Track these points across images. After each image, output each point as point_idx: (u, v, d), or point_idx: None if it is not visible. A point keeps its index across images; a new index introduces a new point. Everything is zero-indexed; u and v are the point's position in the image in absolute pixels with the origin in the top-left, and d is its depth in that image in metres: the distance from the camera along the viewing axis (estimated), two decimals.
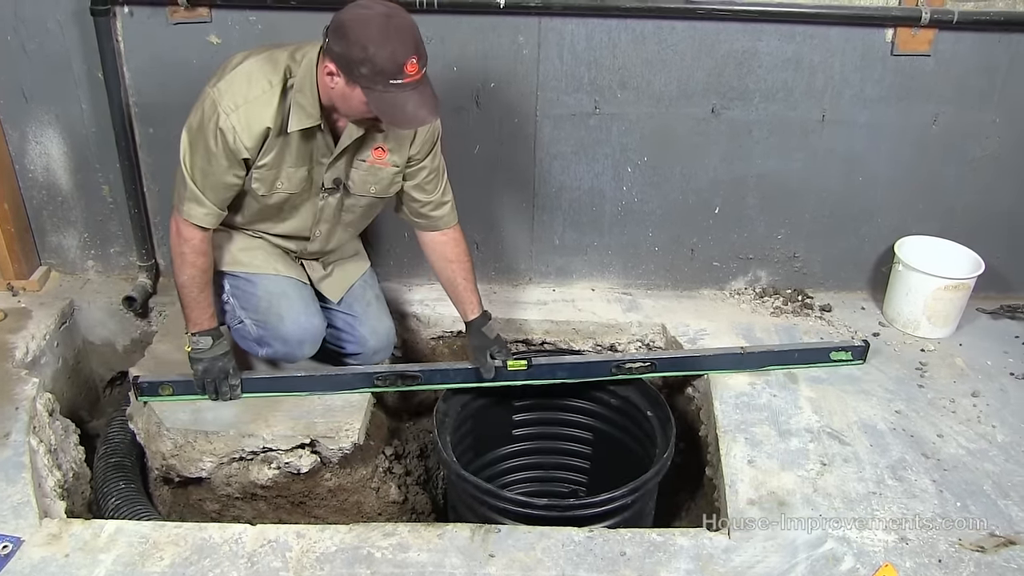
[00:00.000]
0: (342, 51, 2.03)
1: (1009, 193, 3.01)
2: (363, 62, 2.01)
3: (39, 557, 2.00)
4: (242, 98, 2.14)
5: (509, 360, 2.57)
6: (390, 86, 2.04)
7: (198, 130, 2.19)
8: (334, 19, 2.06)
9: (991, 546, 2.10)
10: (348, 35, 2.01)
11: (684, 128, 2.90)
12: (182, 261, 2.33)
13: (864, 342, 2.78)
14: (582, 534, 2.10)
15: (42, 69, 2.78)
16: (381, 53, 2.00)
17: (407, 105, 2.07)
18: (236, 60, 2.21)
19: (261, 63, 2.18)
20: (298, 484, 2.47)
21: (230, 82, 2.15)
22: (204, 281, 2.37)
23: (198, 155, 2.21)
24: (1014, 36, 2.74)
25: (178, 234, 2.31)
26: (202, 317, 2.40)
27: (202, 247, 2.32)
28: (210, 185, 2.24)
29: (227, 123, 2.14)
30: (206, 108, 2.16)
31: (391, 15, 2.04)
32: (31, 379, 2.57)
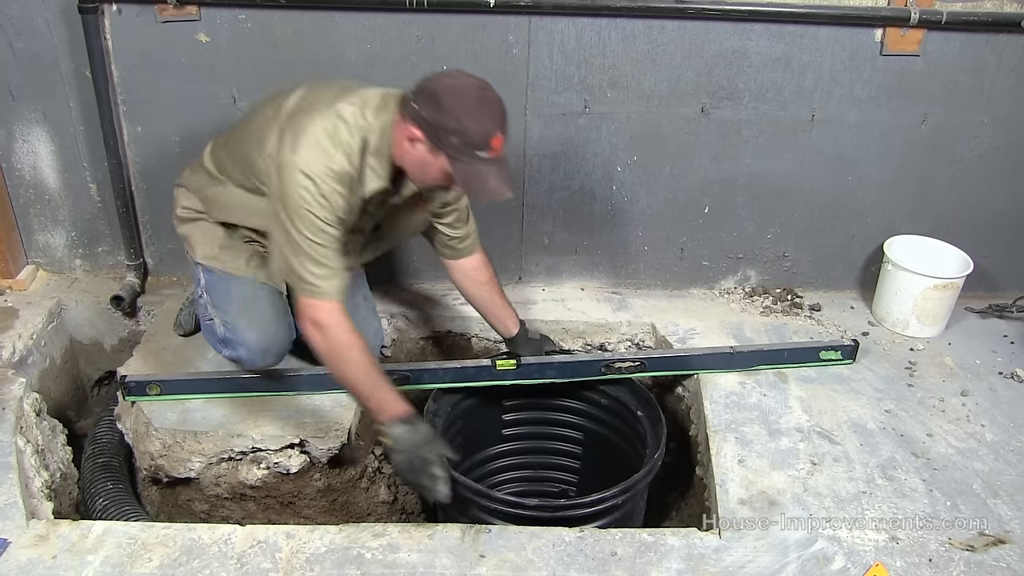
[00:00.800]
0: (433, 119, 2.02)
1: (997, 193, 3.03)
2: (454, 132, 2.01)
3: (26, 559, 1.98)
4: (328, 168, 2.07)
5: (499, 360, 2.58)
6: (475, 158, 2.04)
7: (289, 203, 2.07)
8: (425, 86, 2.06)
9: (981, 545, 2.10)
10: (442, 104, 2.01)
11: (674, 128, 2.90)
12: (342, 351, 2.15)
13: (853, 341, 2.79)
14: (573, 534, 2.10)
15: (29, 67, 2.76)
16: (474, 126, 2.01)
17: (489, 179, 2.07)
18: (303, 121, 2.11)
19: (331, 125, 2.10)
20: (287, 484, 2.46)
21: (313, 150, 2.07)
22: (371, 359, 2.19)
23: (309, 228, 2.08)
24: (1002, 36, 2.76)
25: (318, 326, 2.13)
26: (389, 401, 2.17)
27: (349, 323, 2.16)
28: (332, 252, 2.13)
29: (328, 189, 2.07)
30: (296, 179, 2.05)
31: (484, 88, 2.06)
32: (18, 379, 2.55)
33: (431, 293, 3.13)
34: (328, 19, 2.71)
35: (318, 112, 2.13)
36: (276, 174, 2.10)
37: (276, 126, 2.16)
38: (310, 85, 2.27)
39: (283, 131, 2.13)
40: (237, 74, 2.79)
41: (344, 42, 2.74)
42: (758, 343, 2.86)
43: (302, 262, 2.10)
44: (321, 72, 2.75)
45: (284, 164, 2.08)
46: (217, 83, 2.80)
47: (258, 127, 2.24)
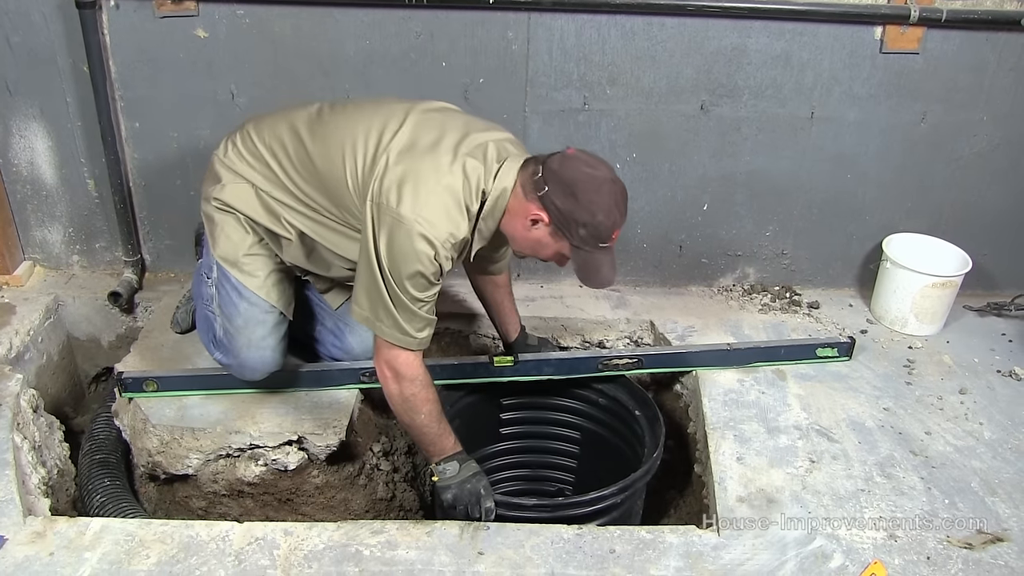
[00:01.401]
0: (567, 209, 2.00)
1: (996, 191, 3.03)
2: (586, 226, 2.01)
3: (23, 556, 1.98)
4: (451, 235, 2.02)
5: (496, 357, 2.58)
6: (596, 248, 2.06)
7: (400, 260, 2.01)
8: (559, 171, 2.01)
9: (979, 543, 2.10)
10: (578, 196, 1.99)
11: (673, 125, 2.90)
12: (416, 404, 2.15)
13: (850, 338, 2.79)
14: (571, 532, 2.09)
15: (26, 62, 2.75)
16: (606, 223, 2.02)
17: (603, 268, 2.11)
18: (424, 172, 2.02)
19: (459, 187, 2.03)
20: (285, 481, 2.45)
21: (432, 212, 1.99)
22: (440, 409, 2.20)
23: (416, 287, 2.04)
24: (1002, 35, 2.76)
25: (398, 376, 2.13)
26: (446, 444, 2.22)
27: (427, 375, 2.16)
28: (432, 306, 2.12)
29: (443, 254, 2.02)
30: (414, 242, 1.98)
31: (615, 181, 2.06)
32: (15, 375, 2.54)
33: None
34: (327, 15, 2.70)
35: (442, 164, 2.05)
36: (386, 227, 2.01)
37: (382, 167, 2.06)
38: (418, 117, 2.16)
39: (400, 179, 2.02)
40: (235, 70, 2.78)
41: (343, 38, 2.73)
42: (756, 340, 2.86)
43: (401, 316, 2.05)
44: (320, 69, 2.76)
45: (402, 222, 1.99)
46: (215, 79, 2.79)
47: (353, 155, 2.13)
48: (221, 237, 2.34)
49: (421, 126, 2.13)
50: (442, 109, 2.25)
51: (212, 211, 2.34)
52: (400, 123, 2.13)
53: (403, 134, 2.11)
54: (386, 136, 2.11)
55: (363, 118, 2.18)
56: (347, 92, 2.80)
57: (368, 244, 2.04)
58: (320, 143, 2.19)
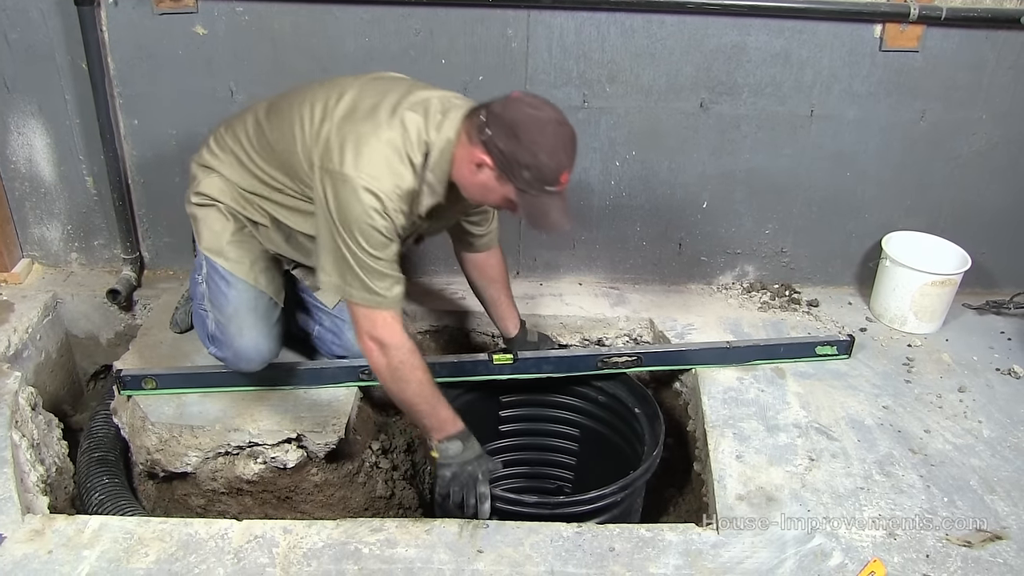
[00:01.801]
0: (509, 151, 1.96)
1: (995, 189, 3.03)
2: (529, 167, 1.97)
3: (21, 554, 1.98)
4: (396, 186, 2.03)
5: (495, 355, 2.58)
6: (543, 192, 2.01)
7: (351, 218, 2.01)
8: (501, 114, 1.98)
9: (978, 541, 2.11)
10: (520, 137, 1.95)
11: (672, 122, 2.89)
12: (404, 373, 2.12)
13: (849, 336, 2.79)
14: (571, 530, 2.09)
15: (24, 59, 2.74)
16: (550, 164, 1.97)
17: (552, 212, 2.04)
18: (364, 131, 2.04)
19: (398, 139, 2.05)
20: (284, 479, 2.45)
21: (374, 166, 2.01)
22: (431, 378, 2.16)
23: (372, 244, 2.04)
24: (1001, 33, 2.75)
25: (382, 345, 2.11)
26: (446, 420, 2.18)
27: (411, 341, 2.13)
28: (394, 263, 2.11)
29: (390, 207, 2.03)
30: (360, 196, 2.00)
31: (562, 123, 2.01)
32: (13, 373, 2.54)
33: (429, 287, 3.12)
34: (326, 12, 2.70)
35: (380, 120, 2.06)
36: (332, 188, 2.03)
37: (326, 132, 2.08)
38: (362, 84, 2.18)
39: (341, 141, 2.05)
40: (234, 67, 2.78)
41: (342, 35, 2.73)
42: (755, 339, 2.86)
43: (366, 275, 2.05)
44: (319, 67, 2.75)
45: (346, 180, 2.00)
46: (214, 76, 2.79)
47: (301, 127, 2.15)
48: (204, 230, 2.38)
49: (364, 92, 2.15)
50: (390, 78, 2.26)
51: (194, 209, 2.39)
52: (343, 92, 2.15)
53: (345, 101, 2.13)
54: (330, 105, 2.13)
55: (311, 93, 2.21)
56: None
57: (321, 209, 2.07)
58: (275, 122, 2.23)
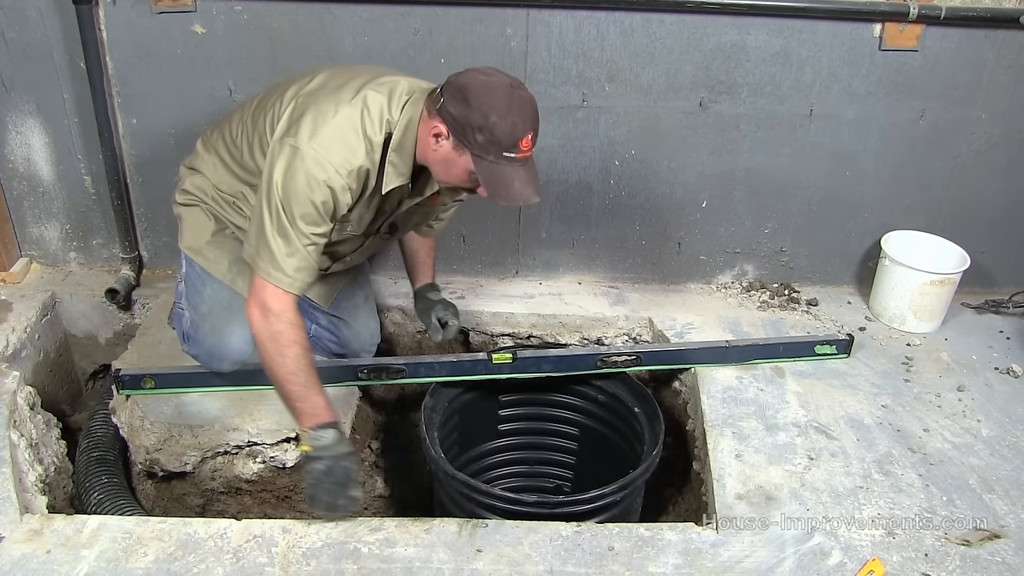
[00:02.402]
0: (460, 115, 1.94)
1: (995, 189, 3.03)
2: (481, 129, 1.93)
3: (19, 554, 1.97)
4: (347, 161, 2.00)
5: (495, 354, 2.57)
6: (501, 159, 1.96)
7: (291, 188, 1.98)
8: (453, 81, 1.98)
9: (976, 540, 2.11)
10: (470, 100, 1.92)
11: (672, 121, 2.89)
12: (280, 342, 2.05)
13: (848, 336, 2.79)
14: (570, 529, 2.09)
15: (22, 58, 2.73)
16: (502, 124, 1.92)
17: (514, 181, 1.99)
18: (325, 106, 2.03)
19: (356, 116, 2.02)
20: (283, 478, 2.45)
21: (327, 139, 1.99)
22: (310, 360, 2.09)
23: (304, 218, 2.00)
24: (1000, 32, 2.75)
25: (265, 310, 2.04)
26: (319, 405, 2.09)
27: (298, 318, 2.08)
28: (316, 249, 2.06)
29: (336, 183, 1.99)
30: (307, 167, 1.97)
31: (515, 86, 1.98)
32: (11, 372, 2.53)
33: None
34: (325, 11, 2.69)
35: (343, 98, 2.04)
36: (283, 158, 1.99)
37: (289, 110, 2.07)
38: (335, 68, 2.20)
39: (302, 112, 2.03)
40: (233, 66, 2.78)
41: (341, 34, 2.73)
42: (755, 338, 2.86)
43: (281, 248, 2.01)
44: (318, 64, 2.74)
45: (296, 150, 1.98)
46: (213, 75, 2.78)
47: (272, 112, 2.15)
48: (186, 229, 2.39)
49: (335, 75, 2.14)
50: (371, 67, 2.23)
51: (179, 208, 2.41)
52: (315, 75, 2.16)
53: (315, 82, 2.13)
54: (301, 87, 2.14)
55: (290, 81, 2.21)
56: None
57: (265, 176, 2.03)
58: (258, 113, 2.21)
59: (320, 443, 2.06)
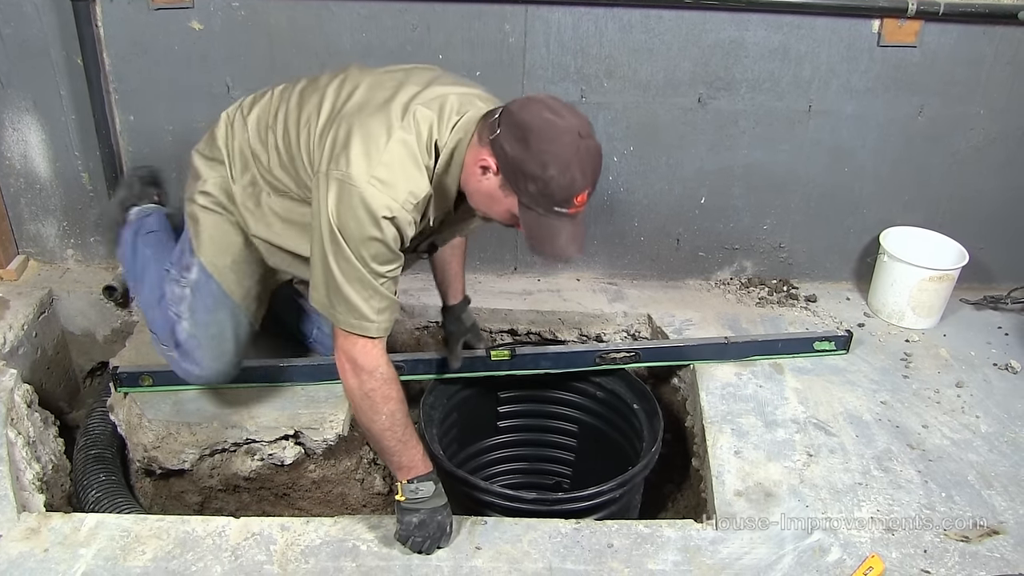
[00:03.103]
0: (515, 156, 1.74)
1: (993, 185, 3.03)
2: (535, 180, 1.73)
3: (17, 552, 1.97)
4: (410, 193, 1.82)
5: (493, 351, 2.57)
6: (551, 213, 1.78)
7: (356, 229, 1.81)
8: (515, 112, 1.76)
9: (975, 536, 2.11)
10: (529, 142, 1.72)
11: (670, 118, 2.89)
12: (374, 399, 1.93)
13: (847, 332, 2.79)
14: (569, 526, 2.09)
15: (19, 54, 2.73)
16: (560, 179, 1.73)
17: (559, 237, 1.81)
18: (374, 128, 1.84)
19: (412, 140, 1.84)
20: (282, 476, 2.45)
21: (386, 171, 1.80)
22: (406, 412, 1.98)
23: (377, 259, 1.85)
24: (998, 28, 2.75)
25: (356, 368, 1.92)
26: (415, 458, 1.99)
27: (390, 370, 1.95)
28: (395, 282, 1.92)
29: (404, 218, 1.82)
30: (369, 205, 1.79)
31: (584, 135, 1.76)
32: (9, 370, 2.53)
33: (427, 282, 3.10)
34: (323, 7, 2.68)
35: (392, 118, 1.85)
36: (336, 192, 1.81)
37: (333, 130, 1.88)
38: (376, 75, 2.01)
39: (347, 136, 1.84)
40: (230, 63, 2.77)
41: (339, 31, 2.72)
42: (753, 334, 2.86)
43: (359, 294, 1.85)
44: (316, 62, 2.74)
45: (354, 183, 1.79)
46: (210, 72, 2.78)
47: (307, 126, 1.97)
48: (207, 240, 2.19)
49: (378, 84, 1.96)
50: (412, 68, 2.05)
51: (196, 210, 2.20)
52: (357, 85, 1.97)
53: (357, 95, 1.95)
54: (340, 100, 1.96)
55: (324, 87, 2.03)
56: None
57: (319, 216, 1.84)
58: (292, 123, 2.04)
59: (417, 496, 1.98)
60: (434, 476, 2.02)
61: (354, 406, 1.99)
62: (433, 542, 1.99)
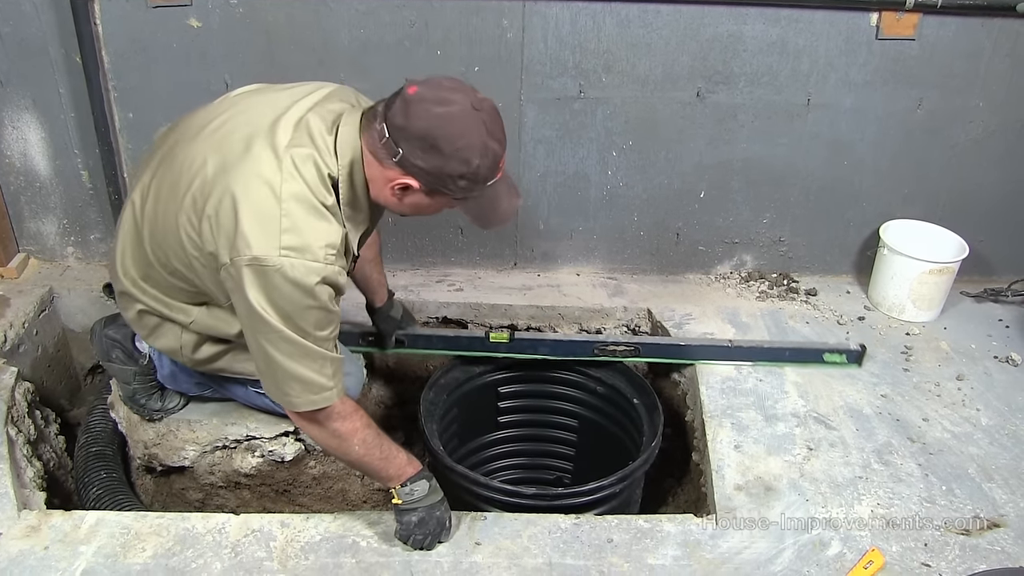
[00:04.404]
0: (435, 167, 1.70)
1: (993, 177, 3.02)
2: (462, 176, 1.71)
3: (17, 550, 1.97)
4: (320, 245, 1.72)
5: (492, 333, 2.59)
6: (485, 188, 1.77)
7: (285, 307, 1.72)
8: (413, 127, 1.69)
9: (975, 529, 2.11)
10: (441, 147, 1.68)
11: (669, 112, 2.88)
12: (343, 438, 1.91)
13: (860, 346, 2.70)
14: (569, 521, 2.09)
15: (17, 53, 2.73)
16: (484, 162, 1.72)
17: (500, 202, 1.82)
18: (253, 187, 1.71)
19: (301, 187, 1.72)
20: (282, 472, 2.45)
21: (291, 236, 1.69)
22: (376, 431, 1.95)
23: (316, 324, 1.77)
24: (997, 20, 2.74)
25: (331, 432, 1.90)
26: (401, 464, 1.98)
27: (357, 409, 1.92)
28: (329, 345, 1.84)
29: (330, 274, 1.74)
30: (291, 279, 1.69)
31: (479, 109, 1.71)
32: (9, 368, 2.54)
33: (426, 279, 3.11)
34: (321, 4, 2.68)
35: (265, 173, 1.72)
36: (250, 279, 1.70)
37: (208, 207, 1.75)
38: (208, 120, 1.86)
39: (231, 210, 1.70)
40: (229, 60, 2.76)
41: (337, 27, 2.72)
42: (754, 328, 2.85)
43: (308, 368, 1.79)
44: (315, 59, 2.75)
45: (264, 265, 1.68)
46: (209, 69, 2.77)
47: (187, 218, 1.80)
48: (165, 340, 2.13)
49: (225, 138, 1.81)
50: (234, 102, 1.92)
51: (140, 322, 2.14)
52: (205, 155, 1.80)
53: (212, 162, 1.78)
54: (194, 172, 1.80)
55: (170, 168, 1.87)
56: (342, 81, 2.76)
57: (243, 309, 1.75)
58: (161, 215, 1.88)
59: (412, 496, 1.97)
60: (425, 473, 2.02)
61: (325, 448, 2.00)
62: (434, 538, 2.00)
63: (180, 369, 2.24)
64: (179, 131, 1.94)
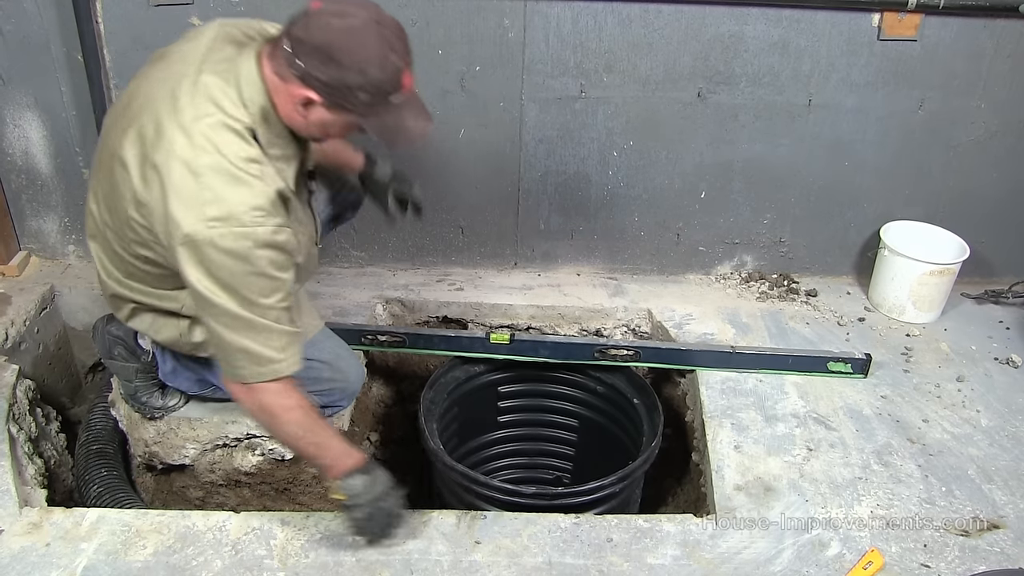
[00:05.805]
0: (333, 79, 1.67)
1: (994, 178, 3.02)
2: (361, 88, 1.69)
3: (19, 547, 1.98)
4: (248, 207, 1.70)
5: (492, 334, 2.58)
6: (389, 105, 1.74)
7: (224, 278, 1.71)
8: (310, 38, 1.67)
9: (975, 530, 2.11)
10: (339, 58, 1.65)
11: (670, 112, 2.88)
12: (280, 416, 1.87)
13: (866, 355, 2.65)
14: (568, 520, 2.10)
15: (19, 51, 2.73)
16: (383, 75, 1.69)
17: (407, 121, 1.78)
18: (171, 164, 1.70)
19: (216, 160, 1.70)
20: (283, 471, 2.45)
21: (215, 203, 1.68)
22: (316, 413, 1.91)
23: (262, 292, 1.75)
24: (999, 21, 2.74)
25: (261, 406, 1.85)
26: (339, 454, 1.93)
27: (295, 390, 1.86)
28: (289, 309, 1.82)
29: (263, 235, 1.71)
30: (223, 248, 1.68)
31: (380, 23, 1.70)
32: (11, 366, 2.54)
33: (427, 278, 3.12)
34: None
35: (177, 148, 1.70)
36: (187, 255, 1.71)
37: (136, 171, 1.75)
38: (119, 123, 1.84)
39: (162, 195, 1.70)
40: None
41: None
42: (754, 329, 2.85)
43: (254, 341, 1.77)
44: None
45: (195, 238, 1.68)
46: None
47: (124, 213, 1.82)
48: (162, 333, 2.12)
49: (140, 131, 1.78)
50: (136, 87, 1.88)
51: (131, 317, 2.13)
52: (126, 150, 1.79)
53: (131, 154, 1.78)
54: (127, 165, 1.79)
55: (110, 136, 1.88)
56: None
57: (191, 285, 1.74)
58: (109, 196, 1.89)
59: (353, 491, 1.93)
60: (365, 466, 1.95)
61: (257, 422, 1.96)
62: (385, 528, 1.99)
63: (181, 367, 2.25)
64: (103, 132, 1.95)
